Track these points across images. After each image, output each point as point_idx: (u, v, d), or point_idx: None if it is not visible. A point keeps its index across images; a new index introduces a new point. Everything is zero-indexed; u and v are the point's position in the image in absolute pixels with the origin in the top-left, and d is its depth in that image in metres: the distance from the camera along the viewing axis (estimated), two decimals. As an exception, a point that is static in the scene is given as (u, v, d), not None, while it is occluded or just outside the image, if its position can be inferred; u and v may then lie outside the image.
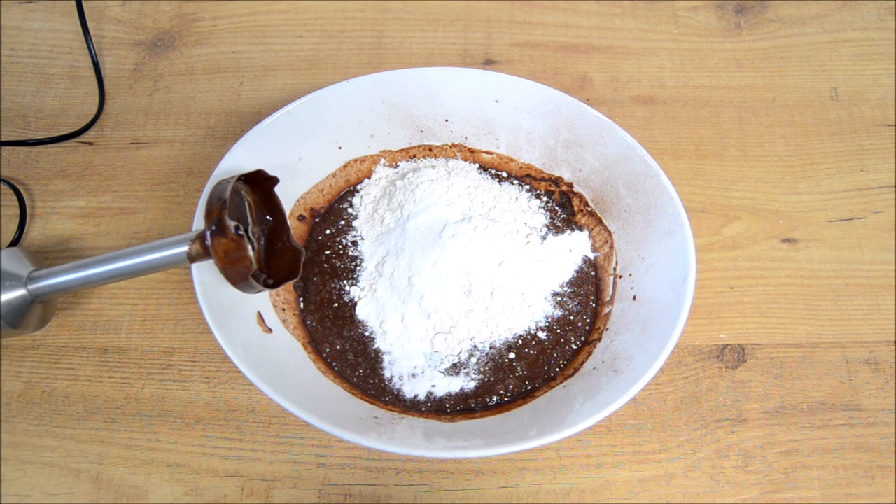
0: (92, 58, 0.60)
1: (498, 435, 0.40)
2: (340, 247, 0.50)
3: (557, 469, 0.45)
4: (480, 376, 0.45)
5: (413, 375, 0.45)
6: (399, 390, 0.45)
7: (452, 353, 0.46)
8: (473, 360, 0.46)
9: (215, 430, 0.45)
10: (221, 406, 0.46)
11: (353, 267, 0.49)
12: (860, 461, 0.45)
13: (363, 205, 0.52)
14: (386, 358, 0.46)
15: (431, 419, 0.43)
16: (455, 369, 0.45)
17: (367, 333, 0.47)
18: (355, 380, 0.45)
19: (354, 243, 0.50)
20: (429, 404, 0.44)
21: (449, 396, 0.45)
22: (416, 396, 0.45)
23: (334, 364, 0.46)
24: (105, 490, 0.43)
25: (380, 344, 0.46)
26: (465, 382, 0.45)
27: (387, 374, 0.45)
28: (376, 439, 0.37)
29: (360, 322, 0.47)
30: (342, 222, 0.52)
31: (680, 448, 0.45)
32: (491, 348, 0.46)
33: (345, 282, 0.49)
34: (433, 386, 0.45)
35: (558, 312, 0.48)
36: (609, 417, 0.39)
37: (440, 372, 0.45)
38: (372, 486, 0.44)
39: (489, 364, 0.46)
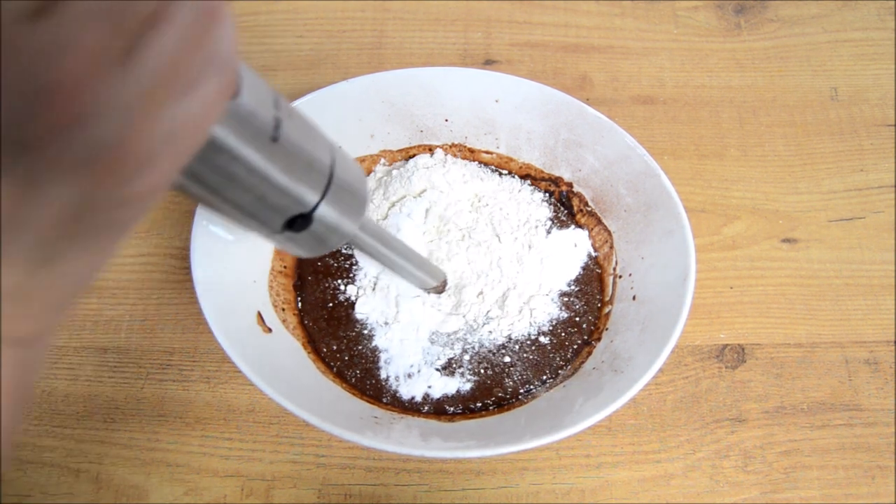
0: None
1: (497, 435, 0.40)
2: None
3: (557, 469, 0.45)
4: (476, 377, 0.45)
5: (409, 375, 0.45)
6: (396, 391, 0.45)
7: (450, 349, 0.46)
8: (466, 357, 0.46)
9: (215, 430, 0.45)
10: (221, 406, 0.46)
11: (347, 266, 0.49)
12: (860, 461, 0.45)
13: None
14: (383, 356, 0.46)
15: (431, 419, 0.43)
16: (450, 367, 0.45)
17: (365, 332, 0.47)
18: (353, 380, 0.45)
19: None
20: (427, 406, 0.44)
21: (446, 398, 0.44)
22: (412, 398, 0.44)
23: (332, 364, 0.46)
24: (105, 490, 0.43)
25: (378, 341, 0.46)
26: (460, 384, 0.45)
27: (383, 374, 0.45)
28: (376, 439, 0.37)
29: (357, 321, 0.47)
30: None
31: (680, 448, 0.45)
32: (491, 345, 0.46)
33: (339, 281, 0.48)
34: (429, 387, 0.45)
35: (564, 314, 0.47)
36: (609, 417, 0.39)
37: (436, 370, 0.45)
38: (372, 486, 0.44)
39: (484, 363, 0.46)
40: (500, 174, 0.53)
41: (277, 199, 0.26)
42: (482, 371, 0.45)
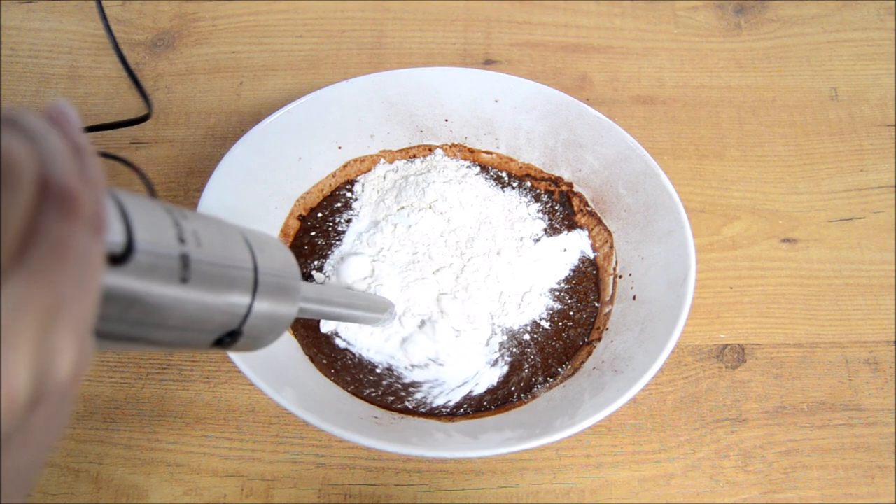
0: (122, 61, 0.60)
1: (498, 435, 0.40)
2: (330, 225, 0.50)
3: (557, 469, 0.45)
4: (511, 359, 0.46)
5: (461, 385, 0.45)
6: (430, 403, 0.44)
7: (497, 337, 0.46)
8: (505, 338, 0.46)
9: (215, 430, 0.45)
10: (221, 406, 0.46)
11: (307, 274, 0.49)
12: (860, 461, 0.45)
13: (364, 196, 0.52)
14: (426, 385, 0.45)
15: (431, 419, 0.43)
16: (501, 352, 0.46)
17: (378, 371, 0.45)
18: (367, 396, 0.44)
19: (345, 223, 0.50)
20: (443, 410, 0.44)
21: (488, 392, 0.45)
22: (448, 402, 0.44)
23: (328, 374, 0.45)
24: (105, 490, 0.43)
25: (413, 377, 0.45)
26: (501, 369, 0.45)
27: (419, 395, 0.44)
28: (376, 439, 0.37)
29: (353, 354, 0.46)
30: (338, 204, 0.52)
31: (680, 448, 0.45)
32: (514, 324, 0.47)
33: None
34: (476, 384, 0.45)
35: (558, 305, 0.48)
36: (609, 417, 0.39)
37: (490, 365, 0.45)
38: (372, 486, 0.44)
39: (514, 341, 0.46)
40: (502, 186, 0.53)
41: (202, 328, 0.23)
42: (513, 350, 0.46)
